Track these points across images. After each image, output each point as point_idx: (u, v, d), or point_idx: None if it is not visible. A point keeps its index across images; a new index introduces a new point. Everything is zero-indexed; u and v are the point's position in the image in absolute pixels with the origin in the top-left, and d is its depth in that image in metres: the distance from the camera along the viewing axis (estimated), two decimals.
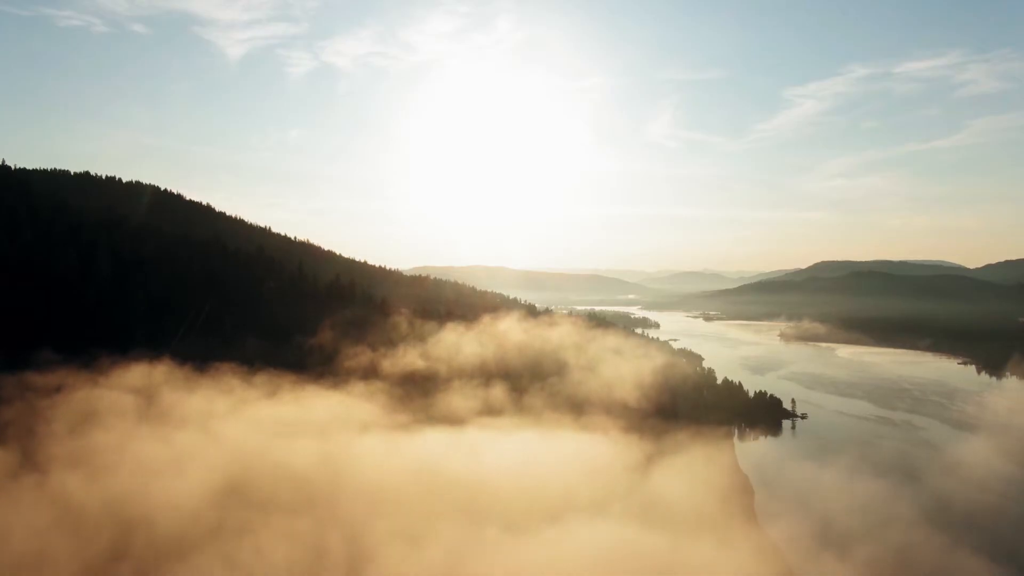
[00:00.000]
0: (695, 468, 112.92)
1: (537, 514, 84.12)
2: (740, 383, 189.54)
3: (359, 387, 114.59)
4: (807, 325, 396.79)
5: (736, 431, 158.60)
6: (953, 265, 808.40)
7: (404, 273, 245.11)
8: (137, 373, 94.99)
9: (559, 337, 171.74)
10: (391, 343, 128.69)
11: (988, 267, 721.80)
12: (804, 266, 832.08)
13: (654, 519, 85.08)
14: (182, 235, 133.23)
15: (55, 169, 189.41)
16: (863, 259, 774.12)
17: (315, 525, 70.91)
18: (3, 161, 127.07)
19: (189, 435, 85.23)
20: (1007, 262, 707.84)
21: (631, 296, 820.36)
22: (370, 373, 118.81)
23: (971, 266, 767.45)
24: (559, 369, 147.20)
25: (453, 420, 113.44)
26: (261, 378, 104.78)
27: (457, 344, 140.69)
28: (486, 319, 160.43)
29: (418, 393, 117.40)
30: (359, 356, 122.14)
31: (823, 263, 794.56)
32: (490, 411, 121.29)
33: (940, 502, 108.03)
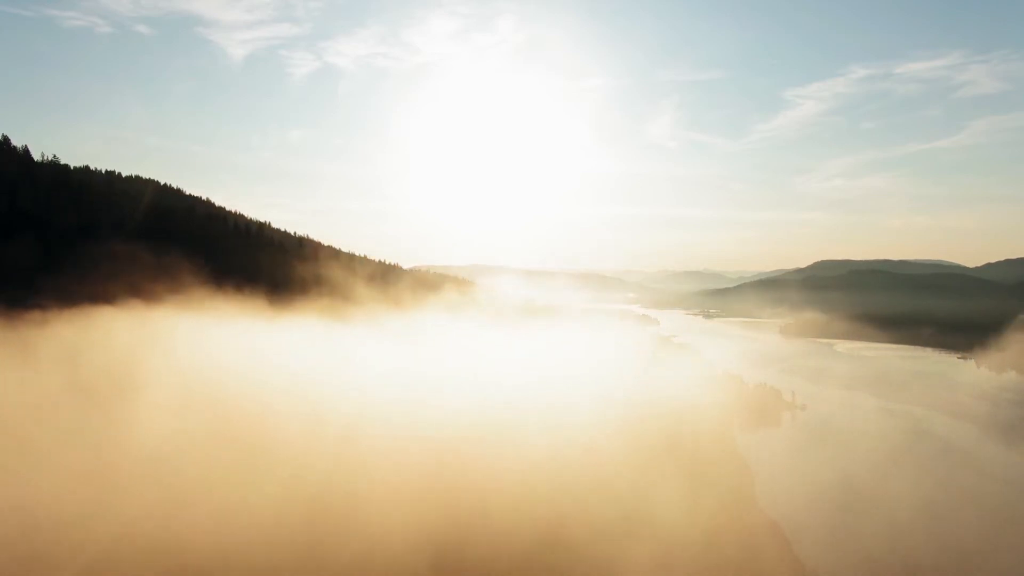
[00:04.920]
0: None
1: None
2: (740, 375, 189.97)
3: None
4: (807, 321, 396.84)
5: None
6: (953, 264, 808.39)
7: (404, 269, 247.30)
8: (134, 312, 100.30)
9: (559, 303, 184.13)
10: (392, 303, 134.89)
11: (988, 266, 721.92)
12: (804, 265, 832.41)
13: None
14: (184, 210, 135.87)
15: (54, 162, 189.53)
16: (863, 258, 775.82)
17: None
18: (3, 136, 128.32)
19: (186, 324, 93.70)
20: (1007, 261, 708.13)
21: (631, 295, 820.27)
22: (372, 323, 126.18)
23: (971, 265, 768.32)
24: None
25: None
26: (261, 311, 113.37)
27: (458, 302, 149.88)
28: (485, 285, 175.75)
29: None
30: (361, 307, 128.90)
31: (823, 262, 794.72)
32: None
33: (928, 477, 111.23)
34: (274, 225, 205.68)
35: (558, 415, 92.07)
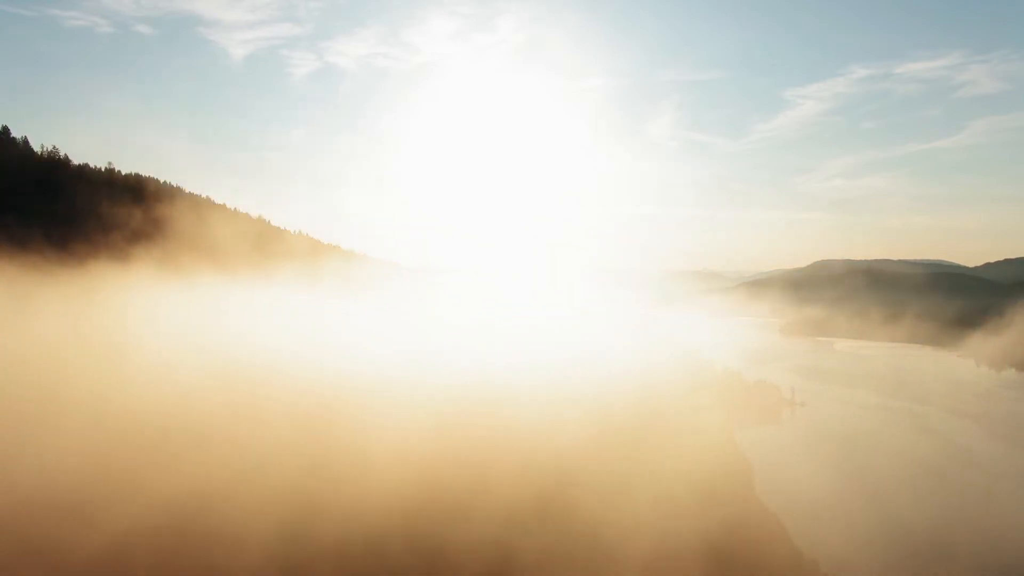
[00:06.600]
0: None
1: None
2: (740, 372, 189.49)
3: None
4: (806, 320, 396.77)
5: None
6: (953, 264, 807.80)
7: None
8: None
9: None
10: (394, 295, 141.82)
11: (987, 265, 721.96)
12: (804, 264, 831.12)
13: None
14: (183, 203, 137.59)
15: (53, 154, 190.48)
16: (863, 258, 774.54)
17: None
18: (3, 127, 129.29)
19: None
20: (1007, 260, 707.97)
21: (631, 294, 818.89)
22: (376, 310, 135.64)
23: (971, 265, 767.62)
24: None
25: None
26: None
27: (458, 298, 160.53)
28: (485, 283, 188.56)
29: None
30: (362, 297, 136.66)
31: (823, 261, 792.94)
32: None
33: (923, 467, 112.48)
34: (274, 223, 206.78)
35: (559, 397, 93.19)
